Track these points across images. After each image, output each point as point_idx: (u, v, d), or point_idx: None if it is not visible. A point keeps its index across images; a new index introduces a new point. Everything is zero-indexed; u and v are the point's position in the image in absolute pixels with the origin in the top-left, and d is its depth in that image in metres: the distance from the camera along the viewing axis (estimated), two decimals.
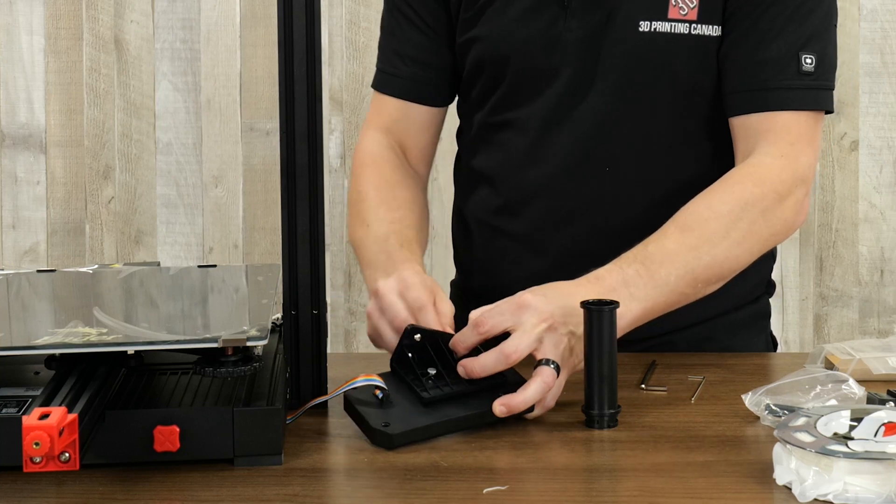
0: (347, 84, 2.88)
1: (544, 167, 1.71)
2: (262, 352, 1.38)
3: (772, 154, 1.61)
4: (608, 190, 1.69)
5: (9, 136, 2.92)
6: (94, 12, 2.89)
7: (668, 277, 1.51)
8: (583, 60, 1.67)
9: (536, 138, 1.71)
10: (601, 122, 1.68)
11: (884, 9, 2.84)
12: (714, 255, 1.55)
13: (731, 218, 1.56)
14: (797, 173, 1.61)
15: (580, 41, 1.67)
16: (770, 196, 1.59)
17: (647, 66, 1.65)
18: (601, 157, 1.68)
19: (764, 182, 1.59)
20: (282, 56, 1.39)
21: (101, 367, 1.31)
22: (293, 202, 1.40)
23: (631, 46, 1.65)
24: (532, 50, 1.69)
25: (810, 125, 1.64)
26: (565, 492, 1.21)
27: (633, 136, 1.68)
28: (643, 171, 1.68)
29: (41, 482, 1.22)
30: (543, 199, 1.72)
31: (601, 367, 1.37)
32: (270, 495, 1.20)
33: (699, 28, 1.64)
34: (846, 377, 1.40)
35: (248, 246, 2.93)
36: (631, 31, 1.64)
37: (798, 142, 1.62)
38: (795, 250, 2.88)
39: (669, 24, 1.64)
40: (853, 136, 2.85)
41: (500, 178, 1.76)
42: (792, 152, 1.61)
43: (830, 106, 1.66)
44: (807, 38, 1.63)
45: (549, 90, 1.69)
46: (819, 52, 1.63)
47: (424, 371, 1.39)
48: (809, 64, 1.62)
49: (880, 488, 1.14)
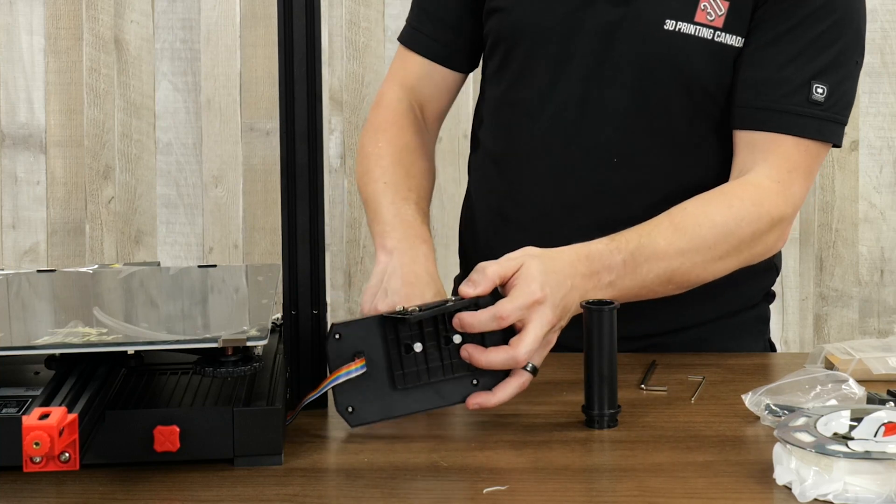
0: (347, 84, 2.88)
1: (552, 154, 1.71)
2: (262, 352, 1.38)
3: (770, 177, 1.61)
4: (614, 183, 1.69)
5: (9, 136, 2.92)
6: (94, 12, 2.89)
7: (648, 275, 1.53)
8: (601, 50, 1.67)
9: (546, 124, 1.70)
10: (612, 114, 1.67)
11: (884, 9, 2.84)
12: (695, 263, 1.56)
13: (724, 231, 1.57)
14: (790, 202, 1.62)
15: (600, 30, 1.67)
16: (764, 219, 1.60)
17: (665, 64, 1.65)
18: (610, 148, 1.68)
19: (762, 204, 1.60)
20: (282, 56, 1.39)
21: (101, 367, 1.31)
22: (293, 202, 1.40)
23: (652, 43, 1.65)
24: (551, 32, 1.69)
25: (811, 155, 1.64)
26: (565, 492, 1.21)
27: (643, 131, 1.68)
28: (650, 168, 1.68)
29: (41, 482, 1.22)
30: (548, 188, 1.71)
31: (601, 367, 1.37)
32: (270, 495, 1.20)
33: (723, 36, 1.64)
34: (846, 377, 1.40)
35: (248, 246, 2.93)
36: (655, 29, 1.64)
37: (795, 170, 1.62)
38: (795, 250, 2.88)
39: (695, 27, 1.64)
40: (853, 136, 2.85)
41: (507, 161, 1.76)
42: (788, 179, 1.62)
43: (837, 140, 1.65)
44: (823, 67, 1.62)
45: (568, 76, 1.69)
46: (833, 84, 1.62)
47: (410, 347, 1.38)
48: (820, 94, 1.61)
49: (880, 488, 1.14)
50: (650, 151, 1.68)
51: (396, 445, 1.33)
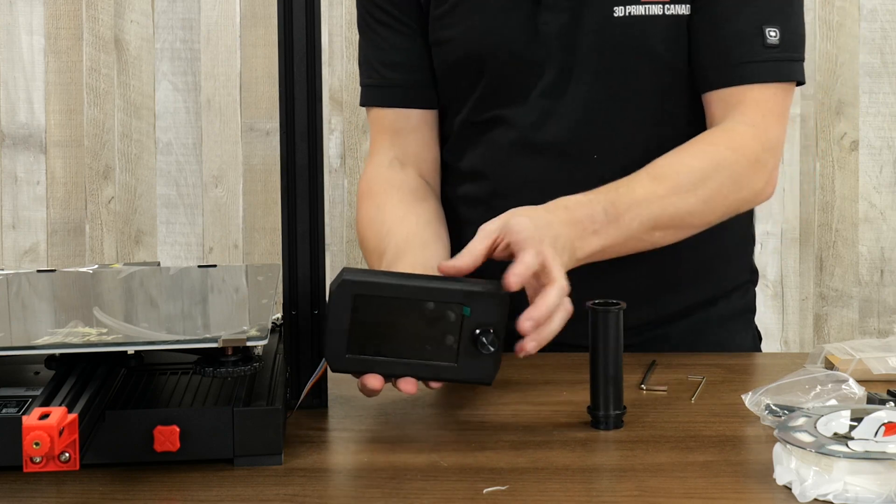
0: (347, 84, 2.88)
1: (533, 160, 1.71)
2: (262, 352, 1.38)
3: (744, 122, 1.63)
4: (596, 176, 1.68)
5: (9, 136, 2.92)
6: (94, 12, 2.89)
7: (632, 223, 1.53)
8: (563, 52, 1.67)
9: (524, 133, 1.70)
10: (586, 112, 1.68)
11: (884, 9, 2.84)
12: (678, 207, 1.57)
13: (702, 174, 1.58)
14: (768, 143, 1.64)
15: (557, 33, 1.67)
16: (742, 161, 1.61)
17: (626, 51, 1.66)
18: (588, 145, 1.69)
19: (737, 147, 1.61)
20: (282, 56, 1.39)
21: (101, 367, 1.31)
22: (293, 202, 1.40)
23: (607, 33, 1.65)
24: (512, 47, 1.69)
25: (779, 98, 1.66)
26: (565, 492, 1.21)
27: (617, 121, 1.69)
28: (629, 155, 1.68)
29: (41, 482, 1.22)
30: (532, 191, 1.71)
31: (607, 368, 1.37)
32: (270, 495, 1.20)
33: (672, 8, 1.65)
34: (846, 377, 1.40)
35: (248, 246, 2.93)
36: (606, 18, 1.65)
37: (769, 115, 1.65)
38: (795, 250, 2.88)
39: (643, 6, 1.65)
40: (853, 136, 2.85)
41: (488, 173, 1.75)
42: (763, 123, 1.64)
43: (800, 76, 1.68)
44: (770, 12, 1.64)
45: (534, 85, 1.69)
46: (783, 24, 1.65)
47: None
48: (774, 37, 1.64)
49: (880, 488, 1.14)
50: (627, 138, 1.69)
51: (396, 445, 1.33)
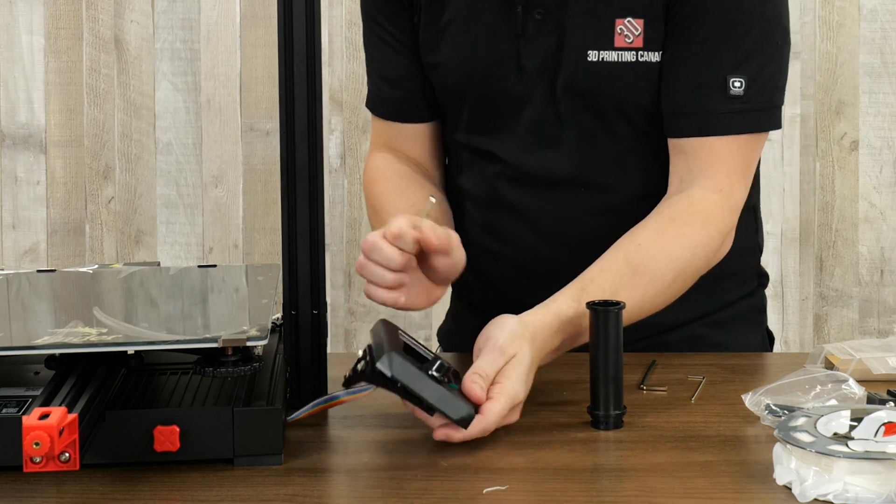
0: (347, 84, 2.88)
1: (523, 191, 1.71)
2: (262, 352, 1.38)
3: (710, 188, 1.61)
4: (584, 207, 1.69)
5: (9, 136, 2.92)
6: (94, 12, 2.89)
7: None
8: (545, 88, 1.67)
9: (511, 166, 1.70)
10: (573, 148, 1.67)
11: (884, 9, 2.84)
12: (655, 303, 1.57)
13: (682, 263, 1.57)
14: (734, 206, 1.63)
15: (539, 69, 1.66)
16: (716, 238, 1.60)
17: (600, 94, 1.65)
18: (577, 180, 1.68)
19: (710, 223, 1.60)
20: (282, 56, 1.39)
21: (101, 367, 1.31)
22: (293, 202, 1.40)
23: (582, 76, 1.64)
24: (495, 79, 1.68)
25: (743, 151, 1.63)
26: (565, 492, 1.21)
27: (604, 158, 1.68)
28: (618, 190, 1.69)
29: (41, 482, 1.22)
30: (521, 220, 1.72)
31: (607, 368, 1.37)
32: (270, 495, 1.20)
33: (646, 55, 1.63)
34: (846, 377, 1.40)
35: (248, 246, 2.93)
36: (580, 61, 1.64)
37: (732, 174, 1.62)
38: (795, 250, 2.88)
39: (616, 52, 1.63)
40: (853, 136, 2.85)
41: (480, 199, 1.76)
42: (728, 185, 1.62)
43: (769, 126, 1.64)
44: (737, 60, 1.61)
45: (520, 118, 1.69)
46: (752, 73, 1.61)
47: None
48: (738, 87, 1.61)
49: (880, 488, 1.14)
50: (613, 173, 1.68)
51: (396, 445, 1.33)
